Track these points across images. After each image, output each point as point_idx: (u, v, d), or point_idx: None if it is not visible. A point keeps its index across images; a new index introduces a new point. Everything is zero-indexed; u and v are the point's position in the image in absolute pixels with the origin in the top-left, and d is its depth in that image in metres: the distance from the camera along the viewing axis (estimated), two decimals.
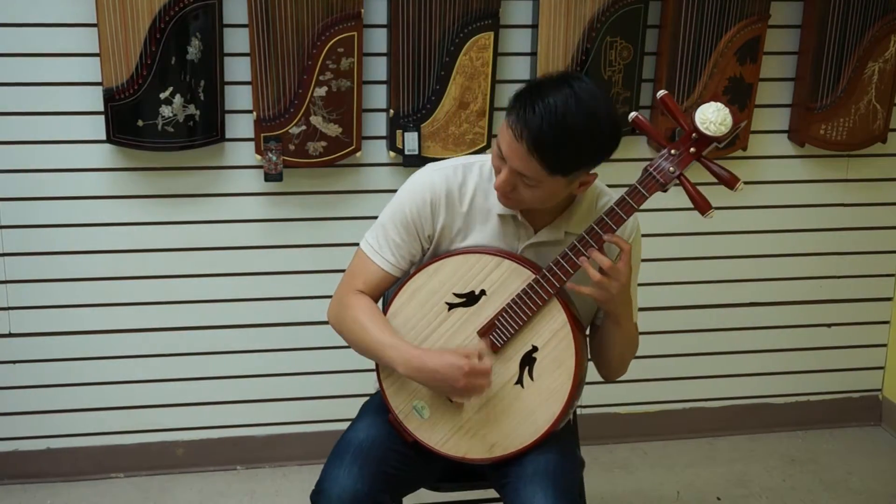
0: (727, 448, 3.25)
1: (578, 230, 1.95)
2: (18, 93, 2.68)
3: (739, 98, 2.93)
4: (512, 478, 1.96)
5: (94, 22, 2.58)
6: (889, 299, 3.32)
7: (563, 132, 1.76)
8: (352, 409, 2.28)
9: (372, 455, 1.96)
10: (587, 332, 2.09)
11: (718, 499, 2.98)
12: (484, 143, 2.84)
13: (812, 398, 3.37)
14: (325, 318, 2.07)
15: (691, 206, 3.03)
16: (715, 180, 1.90)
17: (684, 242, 3.12)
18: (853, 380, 3.37)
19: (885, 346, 3.36)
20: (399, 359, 1.92)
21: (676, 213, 3.07)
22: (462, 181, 1.98)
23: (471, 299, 1.96)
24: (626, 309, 1.94)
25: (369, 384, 2.19)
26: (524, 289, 1.91)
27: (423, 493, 2.18)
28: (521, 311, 1.92)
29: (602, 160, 1.86)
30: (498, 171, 1.87)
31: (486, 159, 2.01)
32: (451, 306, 1.97)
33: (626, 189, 1.87)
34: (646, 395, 3.25)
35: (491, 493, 2.22)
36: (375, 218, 2.04)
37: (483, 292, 1.95)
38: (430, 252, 2.03)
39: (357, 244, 2.06)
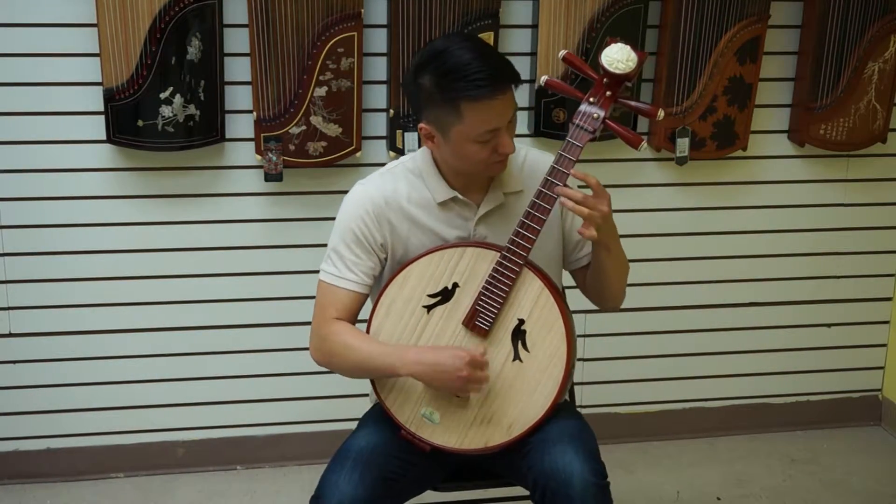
0: (727, 448, 3.25)
1: (513, 187, 2.03)
2: (18, 93, 2.68)
3: (739, 98, 2.93)
4: (535, 442, 1.97)
5: (94, 22, 2.58)
6: (889, 299, 3.31)
7: (495, 51, 1.93)
8: (351, 409, 2.28)
9: (372, 462, 1.96)
10: (583, 277, 2.14)
11: (718, 499, 2.98)
12: None
13: (812, 398, 3.37)
14: None
15: (691, 206, 3.06)
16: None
17: (684, 242, 3.12)
18: (853, 380, 3.37)
19: (884, 346, 3.36)
20: (398, 361, 1.93)
21: (676, 213, 3.08)
22: (393, 186, 2.03)
23: (446, 295, 1.98)
24: (613, 234, 1.97)
25: (368, 385, 2.19)
26: (494, 268, 1.94)
27: (424, 493, 2.17)
28: (497, 290, 1.94)
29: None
30: (486, 153, 1.90)
31: (405, 159, 2.08)
32: (430, 308, 1.99)
33: (560, 147, 1.90)
34: (646, 395, 3.25)
35: (491, 493, 2.22)
36: None
37: (456, 285, 1.98)
38: (389, 261, 2.05)
39: None
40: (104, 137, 2.69)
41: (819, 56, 2.94)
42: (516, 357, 1.97)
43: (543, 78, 1.93)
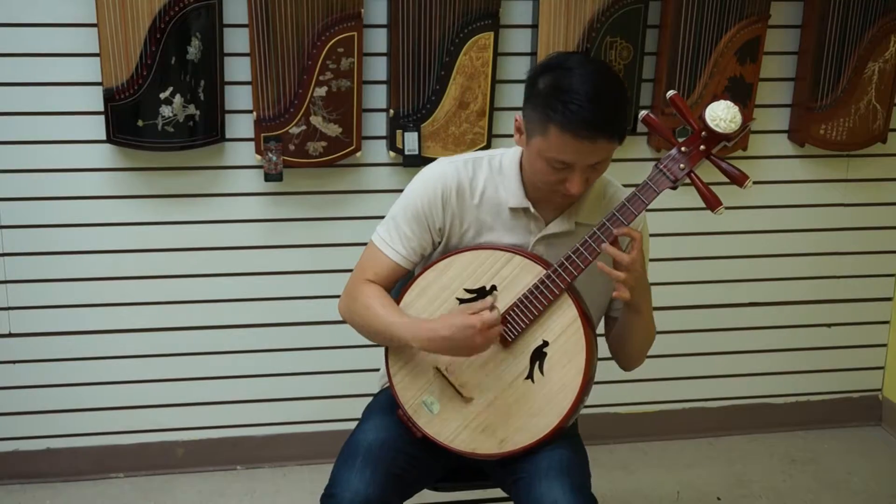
0: (727, 448, 3.25)
1: (588, 220, 1.98)
2: (18, 93, 2.68)
3: (739, 98, 2.93)
4: (524, 473, 1.96)
5: (94, 22, 2.58)
6: (889, 299, 3.32)
7: (613, 100, 1.81)
8: (352, 408, 2.28)
9: (382, 457, 1.95)
10: (602, 324, 2.10)
11: (718, 499, 2.98)
12: (484, 143, 2.84)
13: (812, 398, 3.37)
14: (325, 318, 2.08)
15: (691, 206, 3.06)
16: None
17: (684, 242, 3.12)
18: (853, 380, 3.38)
19: (885, 346, 3.36)
20: (410, 334, 1.93)
21: (676, 213, 3.08)
22: (472, 175, 2.00)
23: (481, 295, 1.96)
24: (645, 296, 1.96)
25: (370, 384, 2.19)
26: (535, 284, 1.92)
27: (424, 493, 2.17)
28: (532, 307, 1.92)
29: None
30: (553, 177, 1.86)
31: (495, 153, 2.03)
32: (462, 302, 1.97)
33: (636, 186, 1.87)
34: (646, 395, 3.25)
35: (491, 493, 2.22)
36: (376, 218, 2.04)
37: (494, 288, 1.96)
38: (442, 245, 2.03)
39: (357, 244, 2.07)
40: (104, 137, 2.69)
41: (819, 56, 2.94)
42: (529, 376, 1.95)
43: (642, 113, 1.88)
